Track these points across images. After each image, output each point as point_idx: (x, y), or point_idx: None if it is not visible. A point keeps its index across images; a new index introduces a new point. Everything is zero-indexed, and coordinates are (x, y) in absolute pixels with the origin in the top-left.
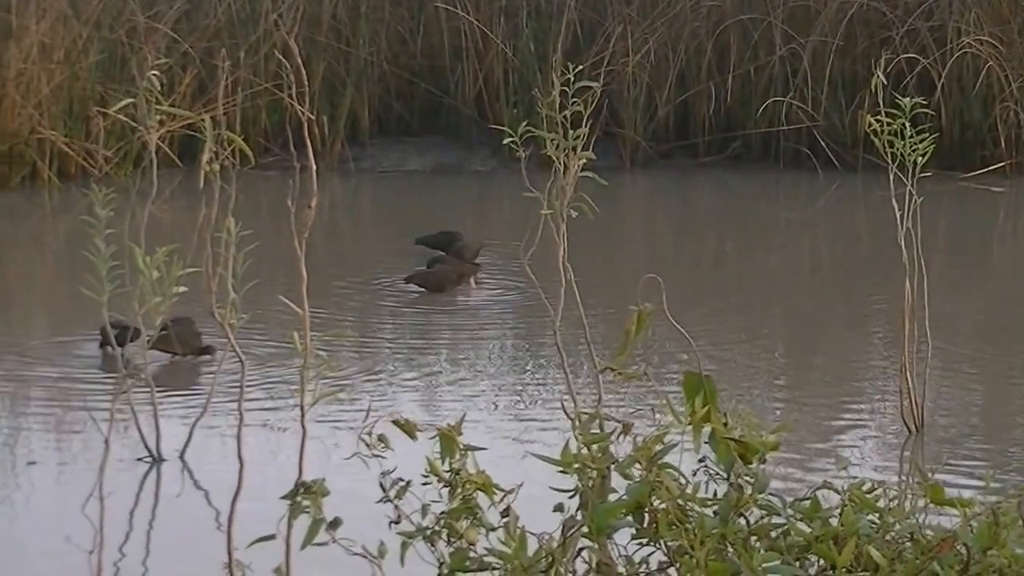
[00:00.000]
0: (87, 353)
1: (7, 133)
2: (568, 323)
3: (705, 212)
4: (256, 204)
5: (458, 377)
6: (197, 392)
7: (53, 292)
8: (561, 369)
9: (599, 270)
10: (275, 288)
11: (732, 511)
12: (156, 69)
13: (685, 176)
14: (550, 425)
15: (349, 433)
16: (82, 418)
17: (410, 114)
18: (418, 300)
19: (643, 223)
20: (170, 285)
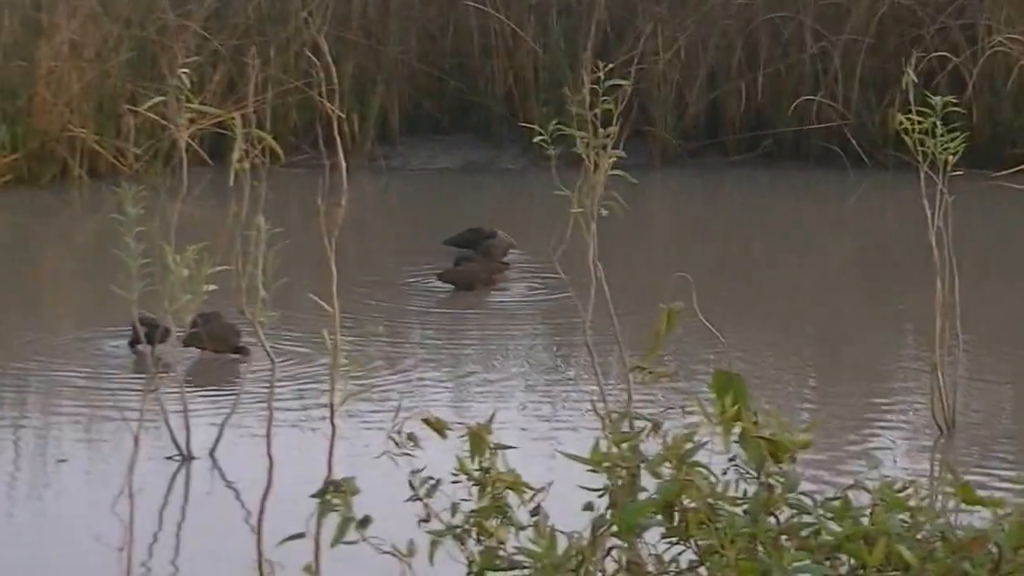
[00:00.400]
0: (117, 351)
1: (38, 131)
2: (598, 322)
3: (735, 210)
4: (286, 202)
5: (488, 375)
6: (227, 390)
7: (83, 290)
8: (591, 368)
9: (629, 269)
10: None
11: (762, 510)
12: (186, 67)
13: (715, 174)
14: (580, 424)
15: (379, 432)
16: (112, 416)
17: (440, 112)
18: (448, 298)
19: (673, 222)
20: (200, 283)
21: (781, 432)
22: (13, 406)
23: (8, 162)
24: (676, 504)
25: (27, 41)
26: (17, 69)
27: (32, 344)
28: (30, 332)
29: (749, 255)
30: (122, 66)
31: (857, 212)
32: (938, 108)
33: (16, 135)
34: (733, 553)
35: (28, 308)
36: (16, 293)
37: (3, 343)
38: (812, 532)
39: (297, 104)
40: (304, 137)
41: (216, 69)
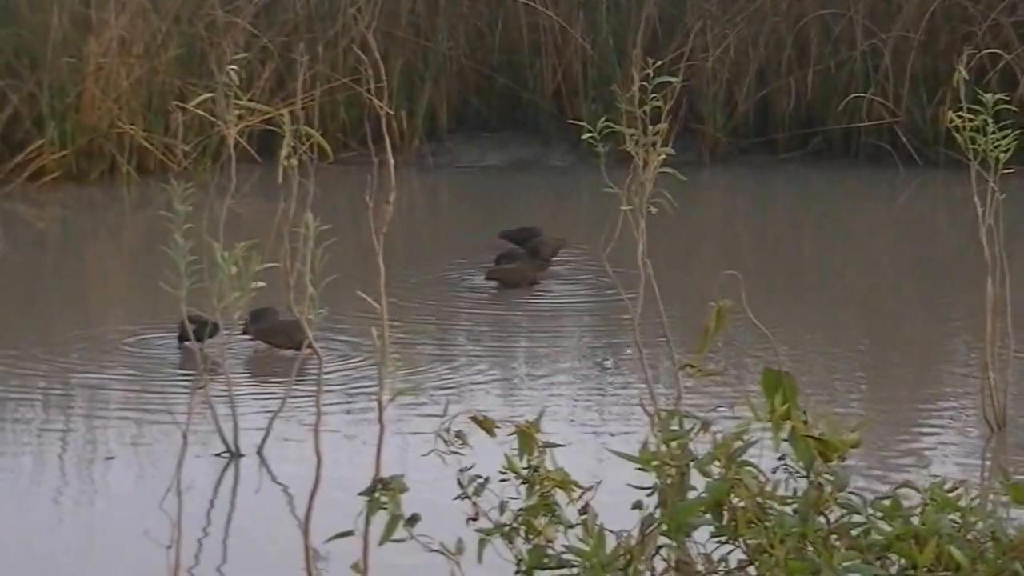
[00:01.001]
0: (165, 348)
1: (86, 127)
2: (647, 319)
3: (785, 208)
4: (334, 199)
5: (536, 373)
6: (275, 388)
7: (131, 287)
8: (640, 366)
9: (678, 266)
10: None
11: (812, 509)
12: (235, 64)
13: (764, 172)
14: (629, 422)
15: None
16: (160, 413)
17: (488, 109)
18: (497, 296)
19: (722, 219)
20: (248, 280)
21: (831, 431)
22: (62, 403)
23: (57, 158)
24: (725, 503)
25: (76, 37)
26: (66, 65)
27: (80, 341)
28: (78, 329)
29: (799, 253)
30: (171, 63)
31: (907, 210)
32: (989, 105)
33: (65, 132)
34: (782, 552)
35: (76, 305)
36: (64, 289)
37: (52, 339)
38: (862, 532)
39: (345, 101)
40: (352, 134)
41: (265, 66)
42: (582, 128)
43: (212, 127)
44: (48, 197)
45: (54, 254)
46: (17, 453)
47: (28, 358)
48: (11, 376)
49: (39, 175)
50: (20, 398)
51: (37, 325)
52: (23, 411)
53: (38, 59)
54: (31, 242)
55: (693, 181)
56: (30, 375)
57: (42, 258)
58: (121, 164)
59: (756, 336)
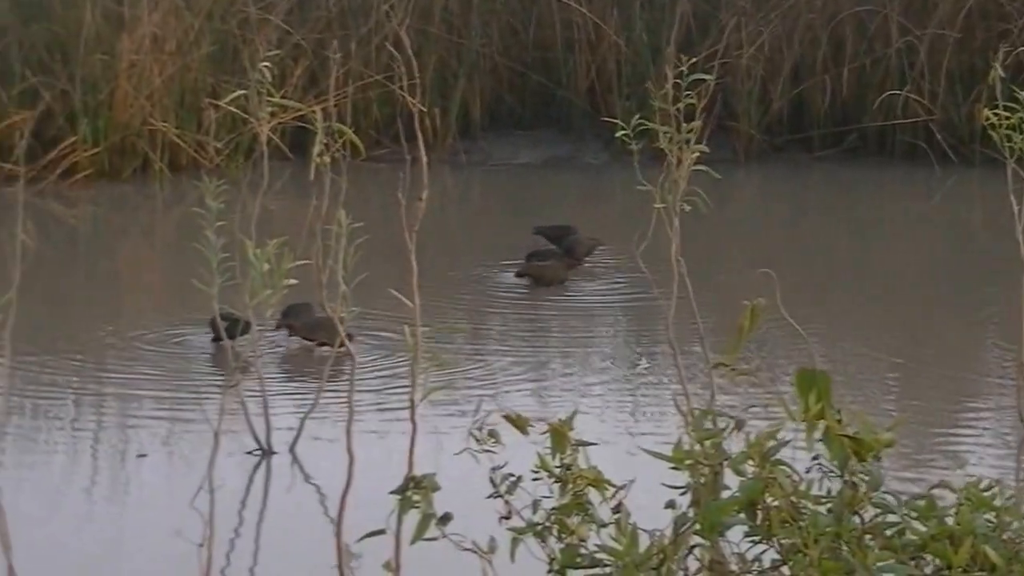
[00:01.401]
0: (197, 346)
1: (119, 124)
2: (680, 318)
3: (819, 206)
4: (366, 197)
5: (569, 371)
6: (307, 386)
7: (163, 284)
8: (673, 364)
9: (712, 264)
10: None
11: (846, 509)
12: (267, 61)
13: (799, 170)
14: (662, 421)
15: (459, 428)
16: (192, 411)
17: (522, 106)
18: (529, 294)
19: (756, 217)
20: (280, 278)
21: (865, 430)
22: (94, 400)
23: (89, 156)
24: (759, 502)
25: (109, 34)
26: (99, 62)
27: (112, 338)
28: (110, 326)
29: (833, 252)
30: (203, 60)
31: (943, 209)
32: None
33: (97, 129)
34: (816, 552)
35: (108, 302)
36: (96, 287)
37: (84, 337)
38: (896, 531)
39: (378, 98)
40: (385, 132)
41: (297, 63)
42: (616, 125)
43: (245, 124)
44: (80, 194)
45: (86, 251)
46: (49, 452)
47: (60, 356)
48: (43, 374)
49: (71, 172)
50: (52, 396)
51: (69, 323)
52: (55, 409)
53: (71, 56)
54: (63, 239)
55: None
56: (62, 373)
57: (74, 255)
58: (153, 161)
59: (790, 335)
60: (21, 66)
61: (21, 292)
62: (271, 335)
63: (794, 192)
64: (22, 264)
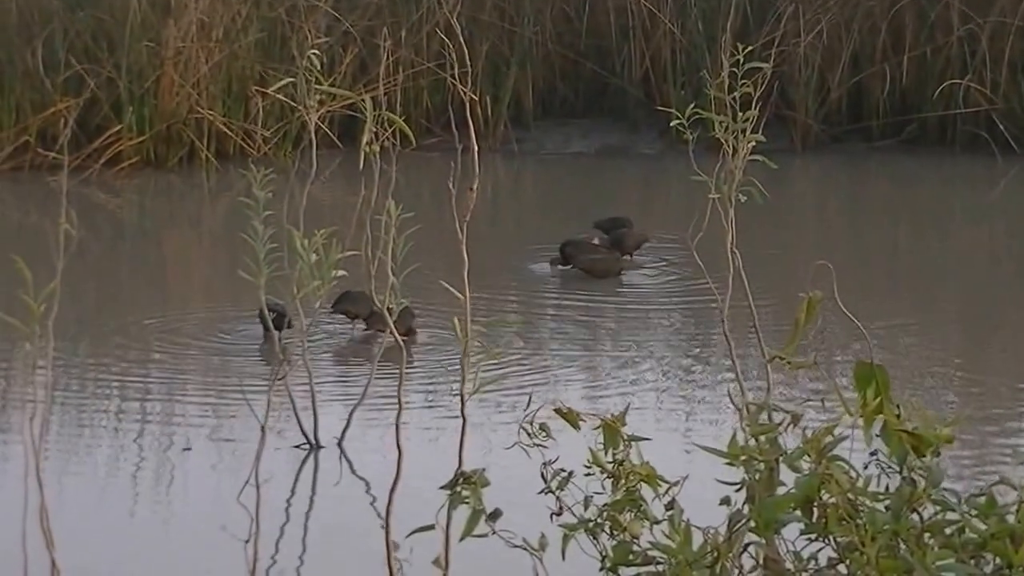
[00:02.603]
0: (244, 337)
1: (165, 112)
2: (736, 311)
3: (878, 197)
4: (417, 186)
5: (622, 365)
6: (356, 378)
7: (210, 274)
8: (728, 358)
9: (768, 256)
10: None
11: (905, 507)
12: (316, 48)
13: (858, 160)
14: (717, 415)
15: (510, 422)
16: (239, 404)
17: (575, 95)
18: (582, 286)
19: (814, 208)
20: (329, 269)
21: (925, 426)
22: (138, 393)
23: (135, 144)
24: (816, 499)
25: (155, 21)
26: (145, 50)
27: (158, 330)
28: (156, 317)
29: (892, 243)
30: (251, 47)
31: (1005, 199)
32: None
33: (143, 117)
34: (874, 551)
35: (154, 292)
36: (142, 277)
37: (129, 329)
38: (956, 530)
39: (429, 86)
40: (436, 120)
41: (347, 50)
42: (671, 115)
43: (293, 112)
44: (125, 183)
45: (131, 241)
46: (93, 445)
47: (104, 347)
48: (88, 366)
49: (116, 161)
50: (97, 389)
51: (115, 313)
52: (99, 402)
53: (116, 43)
54: (108, 229)
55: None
56: (107, 364)
57: (119, 245)
58: (200, 150)
59: (848, 328)
60: (66, 53)
61: (65, 283)
62: (322, 326)
63: (852, 183)
64: (66, 254)
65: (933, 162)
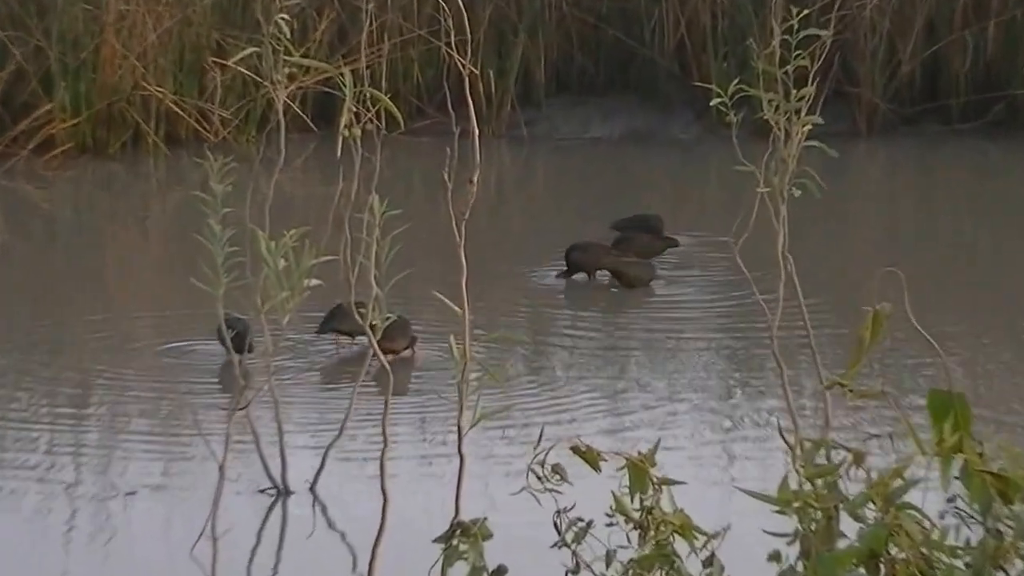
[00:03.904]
0: (199, 359)
1: (106, 88)
2: (788, 326)
3: (958, 190)
4: (406, 178)
5: (652, 392)
6: (332, 409)
7: (159, 284)
8: (778, 383)
9: (826, 261)
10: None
11: (988, 562)
12: (285, 12)
13: (934, 146)
14: (764, 454)
15: (517, 461)
16: (192, 440)
17: (595, 68)
18: (603, 298)
19: (881, 203)
20: (300, 277)
21: (1013, 466)
22: (75, 424)
23: (69, 127)
24: (882, 554)
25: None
26: (81, 14)
27: (99, 349)
28: (97, 335)
29: (974, 245)
30: (207, 11)
31: None
32: None
33: (79, 94)
34: None
35: (95, 305)
36: (80, 287)
37: (63, 347)
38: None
39: (421, 58)
40: (429, 99)
41: (322, 15)
42: (710, 92)
43: (257, 89)
44: (58, 174)
45: (65, 244)
46: (19, 490)
47: (35, 369)
48: (16, 390)
49: (47, 147)
50: (25, 418)
51: (46, 329)
52: (29, 433)
53: (47, 5)
54: (38, 229)
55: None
56: (38, 389)
57: (51, 249)
58: (146, 134)
59: (921, 347)
60: None
61: None
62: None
63: (927, 173)
64: None
65: (1022, 148)
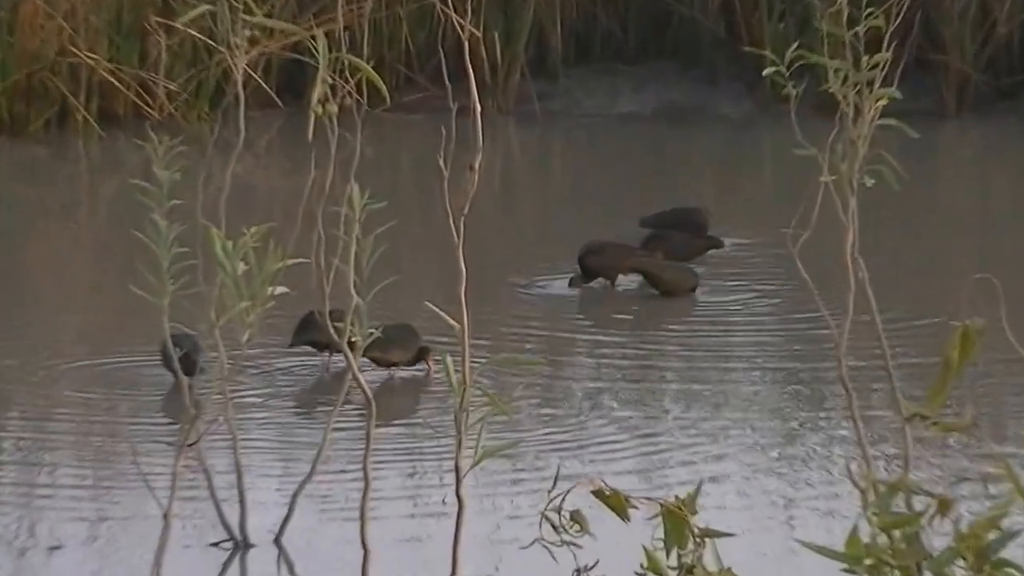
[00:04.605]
0: (140, 384)
1: (25, 54)
2: (858, 345)
3: None
4: (393, 163)
5: (691, 424)
6: (301, 444)
7: (91, 291)
8: (847, 414)
9: (906, 266)
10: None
11: None
12: None
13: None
14: (830, 500)
15: (528, 508)
16: (132, 481)
17: (623, 31)
18: (630, 307)
19: (973, 195)
20: (263, 284)
21: None
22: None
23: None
24: None
25: None
26: None
27: (16, 369)
28: (15, 353)
29: None
30: None
31: None
32: None
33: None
34: None
35: (11, 316)
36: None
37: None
38: None
39: (410, 18)
40: (421, 67)
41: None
42: (763, 59)
43: (211, 56)
44: None
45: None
46: None
47: None
48: None
49: None
50: None
51: None
52: None
53: None
54: None
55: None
56: None
57: None
58: (75, 109)
59: (1020, 371)
60: None
61: None
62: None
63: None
64: None
65: None
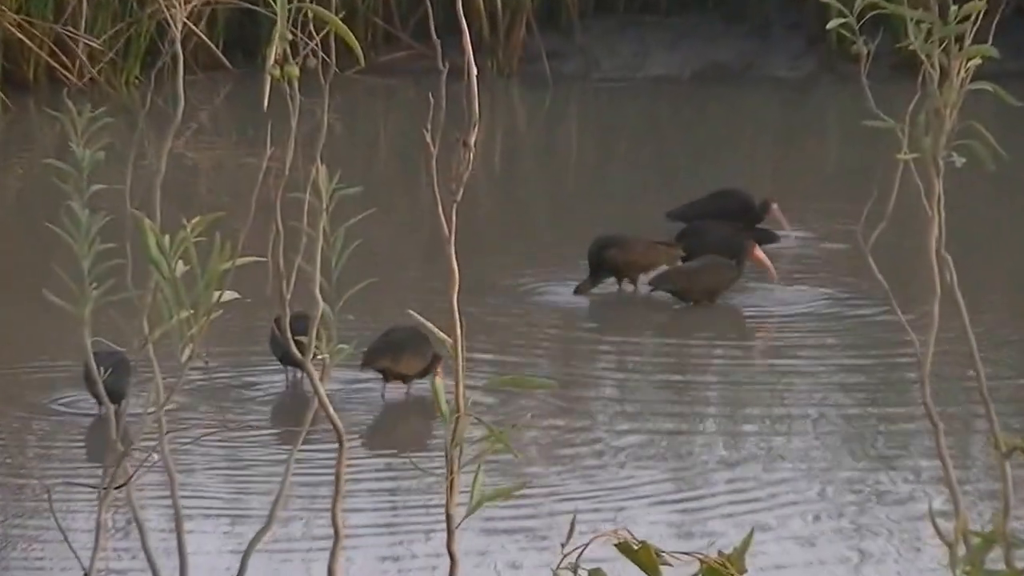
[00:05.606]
0: (57, 414)
1: None
2: (944, 361)
3: None
4: (369, 136)
5: (736, 461)
6: (257, 487)
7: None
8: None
9: (1002, 264)
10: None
11: None
12: None
13: None
14: (910, 550)
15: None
16: (47, 533)
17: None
18: (663, 315)
19: None
20: (208, 288)
21: None
22: None
23: None
24: None
25: None
26: None
27: None
28: None
29: None
30: None
31: None
32: None
33: None
34: None
35: None
36: None
37: None
38: None
39: None
40: (403, 21)
41: None
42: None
43: (142, 8)
44: None
45: None
46: None
47: None
48: None
49: None
50: None
51: None
52: None
53: None
54: None
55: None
56: None
57: None
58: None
59: None
60: None
61: None
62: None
63: None
64: None
65: None
